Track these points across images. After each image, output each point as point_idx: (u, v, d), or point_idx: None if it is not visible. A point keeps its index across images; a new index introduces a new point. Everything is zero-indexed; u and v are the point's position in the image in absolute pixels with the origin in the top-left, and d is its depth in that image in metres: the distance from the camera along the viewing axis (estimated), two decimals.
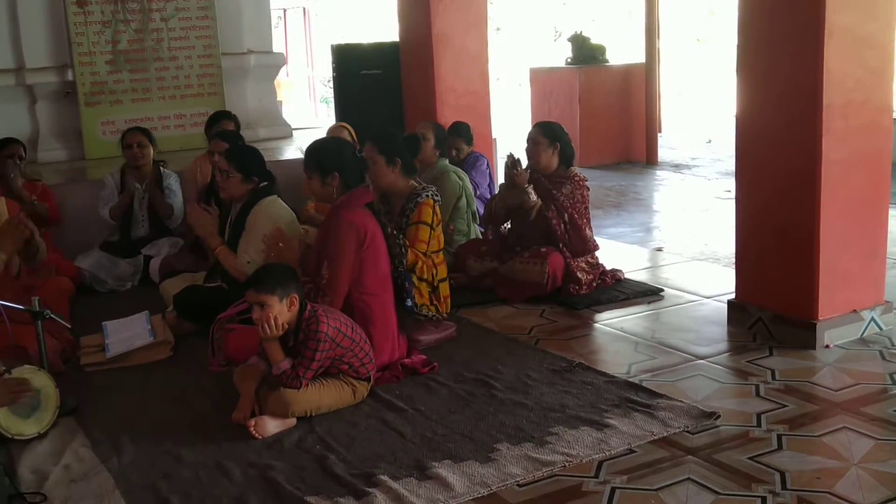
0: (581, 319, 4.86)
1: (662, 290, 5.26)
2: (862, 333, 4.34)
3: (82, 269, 5.73)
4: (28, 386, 3.45)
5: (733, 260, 4.73)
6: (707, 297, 5.12)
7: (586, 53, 11.79)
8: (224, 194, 4.78)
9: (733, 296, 4.67)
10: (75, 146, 7.84)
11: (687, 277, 5.60)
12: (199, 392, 4.00)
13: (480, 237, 5.80)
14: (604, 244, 5.42)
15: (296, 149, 7.79)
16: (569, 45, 12.09)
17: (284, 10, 18.26)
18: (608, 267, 5.42)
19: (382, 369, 4.00)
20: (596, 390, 3.80)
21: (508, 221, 5.50)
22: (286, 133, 8.89)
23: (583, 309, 4.98)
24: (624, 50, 14.47)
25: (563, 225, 5.21)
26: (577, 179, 5.31)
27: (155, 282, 5.57)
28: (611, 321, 4.81)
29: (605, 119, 11.40)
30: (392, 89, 7.84)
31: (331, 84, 9.48)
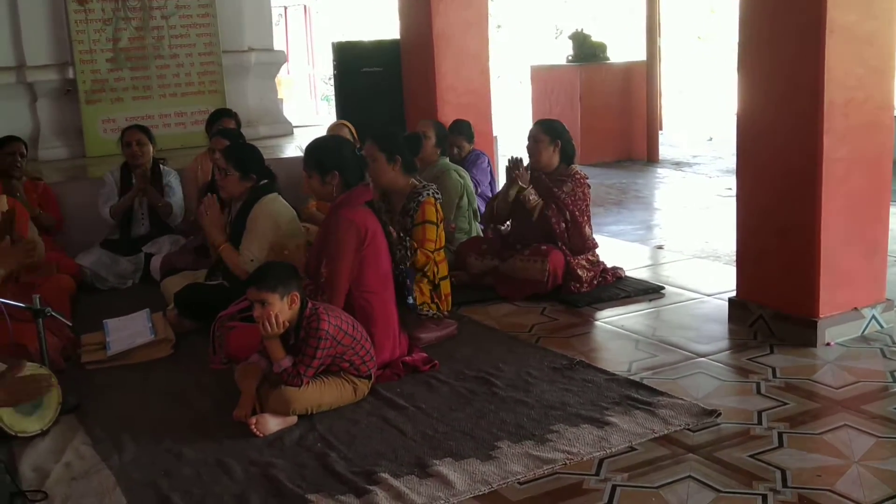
0: (582, 317, 4.86)
1: (663, 288, 5.26)
2: (863, 331, 4.34)
3: (83, 267, 5.72)
4: (48, 381, 3.35)
5: (734, 258, 4.72)
6: (708, 295, 5.12)
7: (587, 51, 11.79)
8: (224, 193, 4.76)
9: (734, 293, 4.66)
10: (76, 144, 7.84)
11: (688, 275, 5.60)
12: (200, 390, 4.01)
13: (481, 235, 5.80)
14: (604, 242, 5.42)
15: (295, 147, 7.78)
16: (570, 43, 12.09)
17: (285, 8, 18.28)
18: (609, 265, 5.42)
19: (383, 367, 4.00)
20: (597, 388, 3.80)
21: (510, 221, 5.50)
22: (287, 131, 8.90)
23: (583, 307, 4.98)
24: (625, 48, 14.46)
25: (564, 223, 5.21)
26: (578, 177, 5.31)
27: (156, 280, 5.57)
28: (611, 319, 4.81)
29: (606, 117, 11.40)
30: (393, 87, 7.83)
31: (331, 82, 9.48)
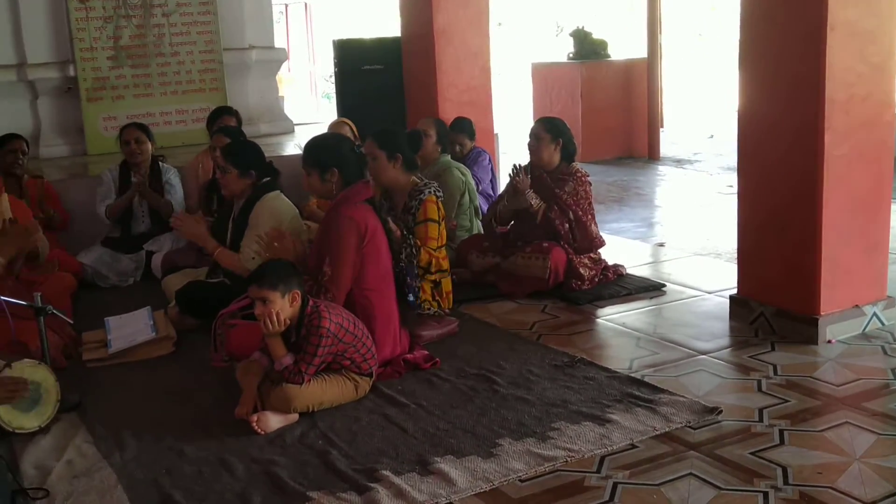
0: (583, 315, 4.86)
1: (664, 286, 5.26)
2: (864, 328, 4.34)
3: (84, 265, 5.73)
4: (25, 384, 3.41)
5: (735, 255, 4.72)
6: (709, 293, 5.12)
7: (588, 48, 11.78)
8: (225, 191, 4.76)
9: (735, 291, 4.66)
10: (77, 142, 7.84)
11: (689, 273, 5.60)
12: (202, 388, 4.01)
13: (482, 232, 5.80)
14: (606, 239, 5.42)
15: (294, 145, 7.78)
16: (570, 41, 12.07)
17: (286, 6, 18.25)
18: (610, 262, 5.42)
19: (384, 365, 4.00)
20: (598, 385, 3.80)
21: (512, 223, 5.50)
22: (288, 128, 8.90)
23: (585, 304, 4.98)
24: (626, 45, 14.43)
25: (568, 224, 5.20)
26: (580, 175, 5.30)
27: (157, 277, 5.58)
28: (613, 316, 4.81)
29: (607, 114, 11.39)
30: (394, 84, 7.82)
31: (332, 79, 9.47)
